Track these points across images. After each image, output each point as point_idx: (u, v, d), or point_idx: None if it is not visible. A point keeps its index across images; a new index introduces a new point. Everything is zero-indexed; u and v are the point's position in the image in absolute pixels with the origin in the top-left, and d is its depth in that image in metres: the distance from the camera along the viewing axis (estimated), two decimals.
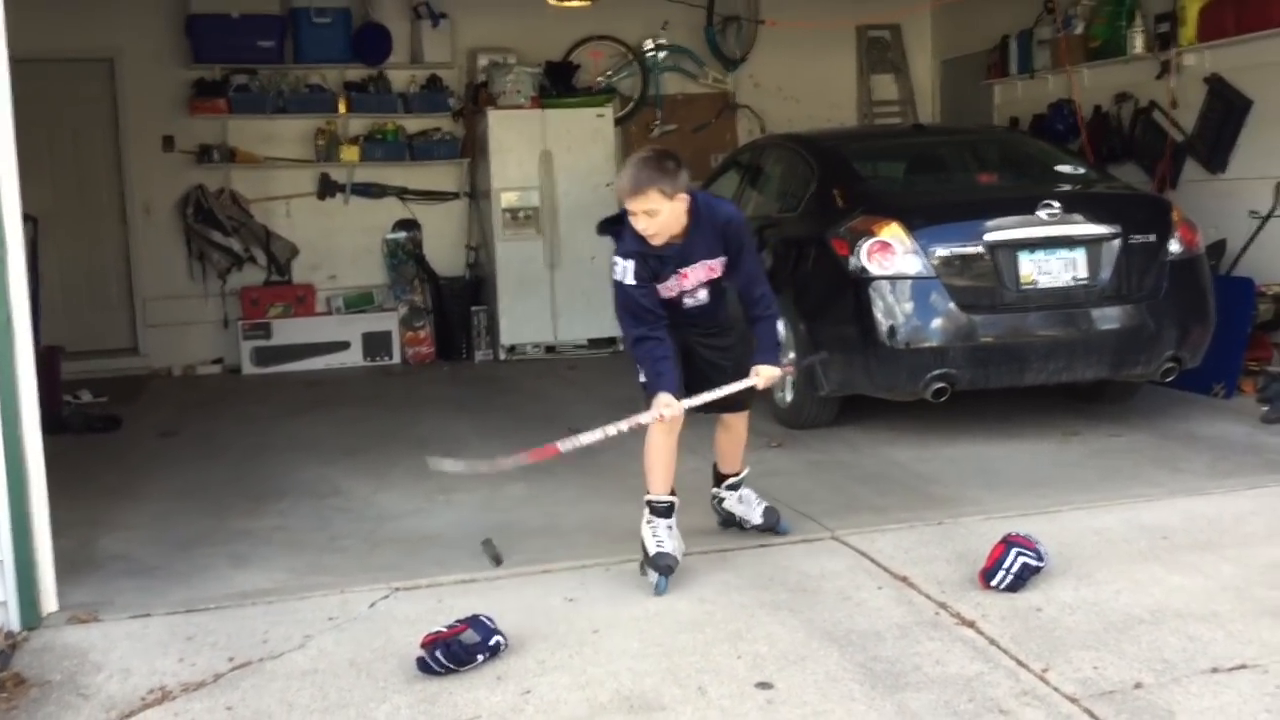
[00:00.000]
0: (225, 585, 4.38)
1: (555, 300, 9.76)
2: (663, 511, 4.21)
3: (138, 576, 4.51)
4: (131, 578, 4.49)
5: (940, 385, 5.82)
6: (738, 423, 4.59)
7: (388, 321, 9.84)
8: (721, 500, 4.74)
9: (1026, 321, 5.96)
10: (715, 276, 4.27)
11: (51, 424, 6.46)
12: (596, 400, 7.68)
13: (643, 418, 4.17)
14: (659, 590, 4.08)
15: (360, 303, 10.01)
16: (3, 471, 3.87)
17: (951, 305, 5.84)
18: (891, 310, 5.85)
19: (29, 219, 4.76)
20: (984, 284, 5.92)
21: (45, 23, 8.37)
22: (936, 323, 5.86)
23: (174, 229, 9.61)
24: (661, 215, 4.02)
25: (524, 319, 9.77)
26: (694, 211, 4.11)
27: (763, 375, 4.30)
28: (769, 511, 4.69)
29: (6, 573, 3.90)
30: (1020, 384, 6.12)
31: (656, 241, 4.10)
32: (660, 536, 4.17)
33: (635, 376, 4.31)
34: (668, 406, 4.10)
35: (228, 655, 3.73)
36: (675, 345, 4.25)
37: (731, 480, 4.71)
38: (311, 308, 9.78)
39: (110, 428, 7.27)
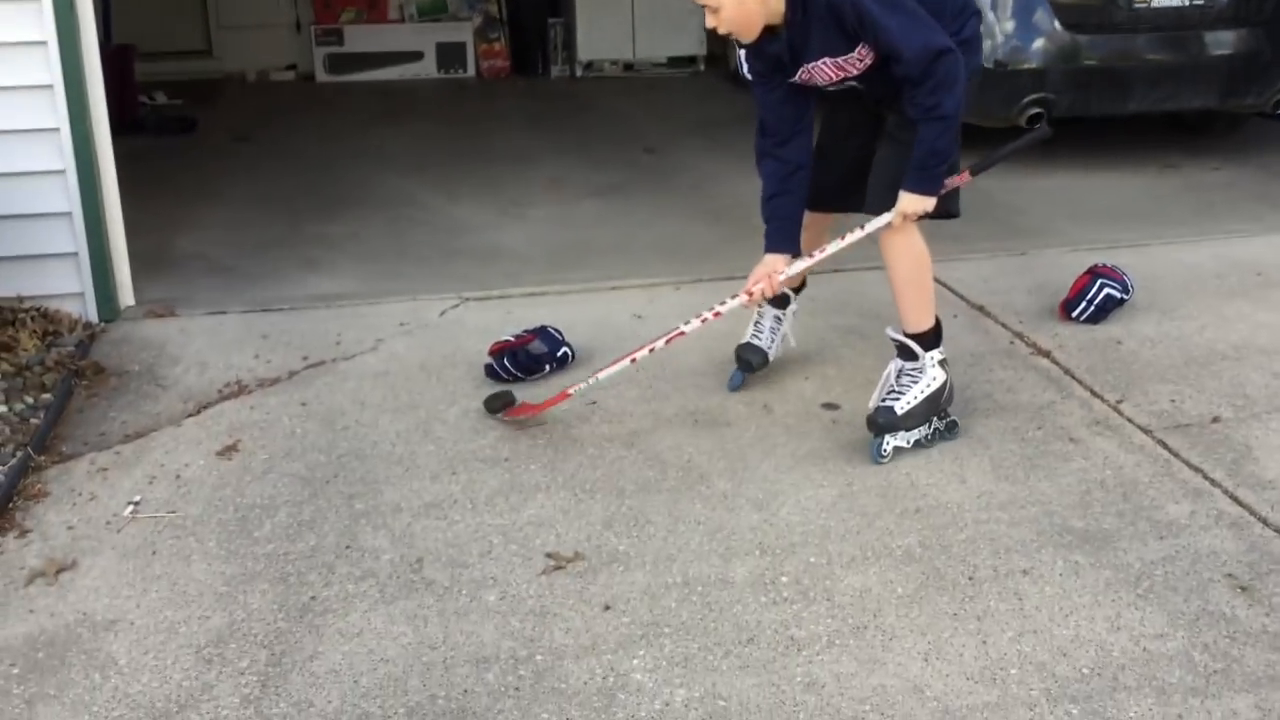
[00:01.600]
0: (299, 288, 4.42)
1: (635, 14, 9.33)
2: (773, 300, 3.44)
3: (213, 275, 4.56)
4: (207, 276, 4.55)
5: (1037, 110, 5.53)
6: (894, 236, 3.11)
7: (462, 32, 9.52)
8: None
9: (1135, 43, 5.59)
10: (858, 72, 2.99)
11: (127, 124, 6.52)
12: (674, 120, 7.46)
13: (726, 305, 3.25)
14: (732, 385, 3.51)
15: (434, 10, 9.66)
16: (73, 164, 3.86)
17: (1055, 24, 5.48)
18: (990, 28, 5.48)
19: None
20: (1092, 2, 5.53)
21: None
22: (1038, 42, 5.51)
23: None
24: (725, 9, 2.89)
25: (602, 33, 9.38)
26: None
27: (901, 207, 3.01)
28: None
29: (82, 265, 3.95)
30: (1122, 112, 5.81)
31: (744, 39, 3.00)
32: (761, 325, 3.54)
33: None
34: (761, 282, 3.17)
35: (301, 354, 3.79)
36: (807, 150, 3.18)
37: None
38: (384, 14, 9.47)
39: (186, 130, 7.23)
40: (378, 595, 2.57)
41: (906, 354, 3.14)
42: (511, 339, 3.66)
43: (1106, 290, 3.89)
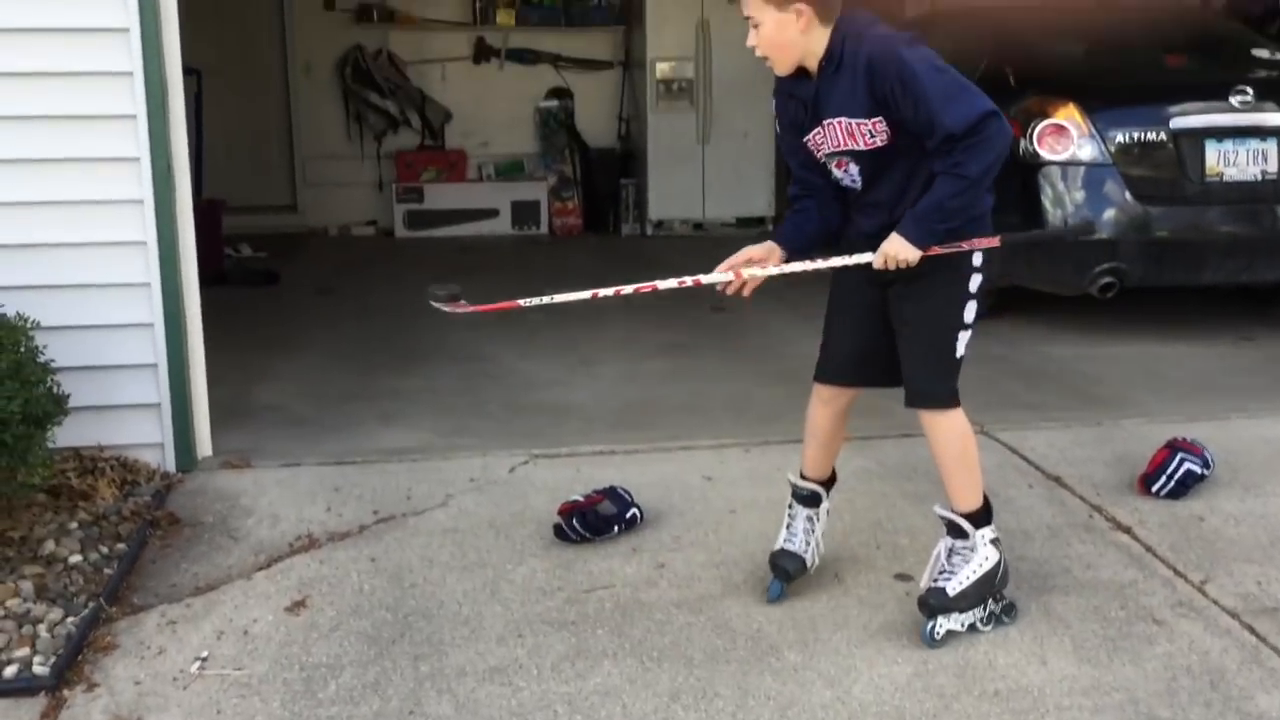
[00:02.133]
0: (373, 441, 4.47)
1: (705, 176, 9.57)
2: (801, 498, 3.28)
3: (289, 427, 4.63)
4: (283, 427, 4.62)
5: (1109, 280, 5.53)
6: (934, 421, 3.01)
7: (537, 191, 9.81)
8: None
9: (1207, 216, 5.61)
10: (864, 148, 2.87)
11: (213, 276, 6.71)
12: None
13: (708, 277, 3.10)
14: (771, 596, 3.22)
15: (511, 170, 9.99)
16: (161, 317, 3.97)
17: (1127, 195, 5.52)
18: (1061, 198, 5.55)
19: (193, 72, 4.82)
20: (1164, 174, 5.58)
21: None
22: (1109, 213, 5.55)
23: (333, 89, 9.67)
24: (765, 28, 2.84)
25: (672, 194, 9.62)
26: (834, 42, 2.85)
27: (885, 251, 2.86)
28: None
29: (164, 416, 4.04)
30: (1195, 283, 5.80)
31: (777, 69, 2.94)
32: (794, 529, 3.27)
33: None
34: (748, 262, 3.05)
35: (373, 508, 3.81)
36: (836, 210, 3.09)
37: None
38: (463, 174, 9.80)
39: (269, 282, 7.46)
40: None
41: (957, 532, 3.03)
42: (580, 499, 3.66)
43: (1187, 465, 3.81)
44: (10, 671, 2.82)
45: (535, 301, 3.21)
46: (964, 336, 2.98)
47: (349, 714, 2.69)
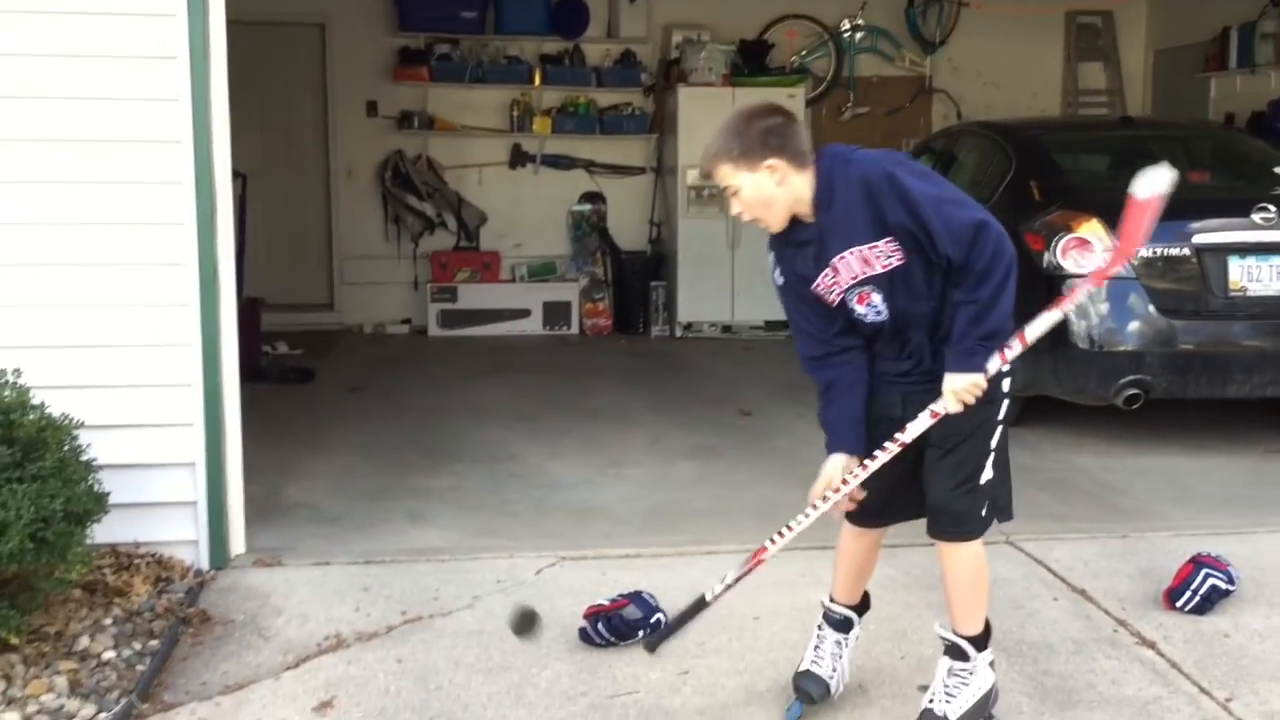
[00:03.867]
0: (402, 540, 4.53)
1: (734, 280, 9.70)
2: (834, 623, 3.25)
3: (320, 524, 4.70)
4: (315, 525, 4.69)
5: (1134, 392, 5.57)
6: (953, 551, 2.99)
7: (568, 292, 9.97)
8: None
9: (1232, 330, 5.67)
10: (882, 271, 2.83)
11: (249, 372, 6.84)
12: (769, 382, 7.63)
13: (800, 522, 2.99)
14: (790, 717, 3.17)
15: (543, 272, 10.17)
16: (201, 418, 4.07)
17: (1151, 308, 5.59)
18: (1085, 310, 5.61)
19: (238, 176, 4.97)
20: (1187, 288, 5.64)
21: None
22: (1133, 326, 5.61)
23: (373, 191, 9.92)
24: (744, 192, 2.84)
25: (702, 297, 9.75)
26: (820, 177, 2.84)
27: (950, 392, 2.79)
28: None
29: (200, 514, 4.12)
30: (1220, 396, 5.81)
31: (771, 228, 2.93)
32: (821, 651, 3.22)
33: None
34: (830, 487, 2.94)
35: (400, 609, 3.85)
36: (865, 377, 3.00)
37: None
38: (496, 274, 9.99)
39: (303, 379, 7.58)
40: None
41: (958, 654, 2.99)
42: (606, 603, 3.69)
43: (1211, 581, 3.82)
44: None
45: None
46: (989, 469, 2.92)
47: None
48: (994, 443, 2.95)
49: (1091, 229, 5.65)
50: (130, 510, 3.90)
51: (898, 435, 2.86)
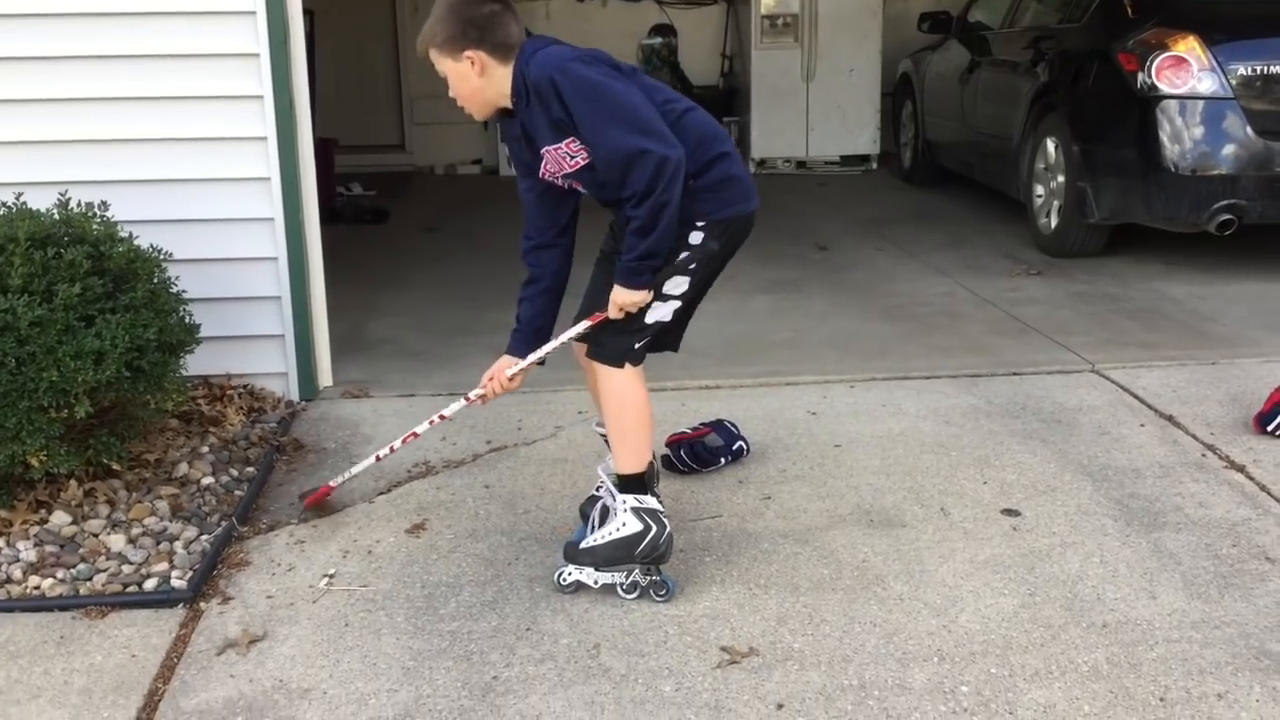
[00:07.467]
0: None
1: (809, 114, 9.50)
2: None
3: (404, 359, 4.77)
4: (398, 359, 4.76)
5: (1227, 217, 5.40)
6: (601, 375, 3.05)
7: None
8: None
9: None
10: (571, 170, 2.84)
11: (327, 213, 6.88)
12: (845, 217, 7.52)
13: (451, 408, 3.28)
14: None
15: None
16: (285, 254, 4.11)
17: (1248, 130, 5.37)
18: (1179, 133, 5.41)
19: (307, 12, 4.90)
20: None
21: None
22: (1229, 148, 5.41)
23: None
24: (450, 80, 2.86)
25: (776, 132, 9.57)
26: (515, 75, 2.80)
27: (613, 302, 2.90)
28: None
29: (288, 348, 4.19)
30: None
31: (476, 117, 2.98)
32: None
33: None
34: (493, 379, 3.16)
35: (485, 438, 3.92)
36: (561, 264, 3.14)
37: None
38: None
39: (379, 220, 7.62)
40: (556, 679, 2.62)
41: (620, 489, 2.98)
42: (688, 431, 3.72)
43: None
44: (150, 584, 2.99)
45: (342, 479, 3.43)
46: (659, 306, 2.94)
47: (469, 629, 2.81)
48: (666, 289, 2.95)
49: (1188, 47, 5.40)
50: (220, 343, 3.98)
51: (552, 340, 3.14)
